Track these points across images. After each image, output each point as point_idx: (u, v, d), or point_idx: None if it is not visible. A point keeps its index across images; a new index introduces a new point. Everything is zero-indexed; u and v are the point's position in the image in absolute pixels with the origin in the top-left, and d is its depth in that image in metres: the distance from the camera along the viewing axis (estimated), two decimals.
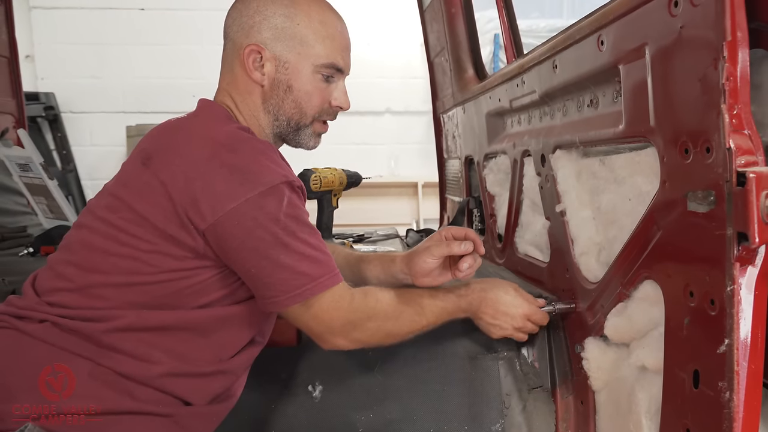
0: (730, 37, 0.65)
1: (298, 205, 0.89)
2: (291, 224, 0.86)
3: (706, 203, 0.71)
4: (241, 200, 0.83)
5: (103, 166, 4.66)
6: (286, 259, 0.86)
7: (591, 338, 1.09)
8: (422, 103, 4.63)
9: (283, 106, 1.01)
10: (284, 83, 1.00)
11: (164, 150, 0.90)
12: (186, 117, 0.98)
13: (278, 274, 0.87)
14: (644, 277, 0.91)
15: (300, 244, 0.87)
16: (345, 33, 1.05)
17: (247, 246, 0.85)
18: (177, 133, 0.93)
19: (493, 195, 1.83)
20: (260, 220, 0.84)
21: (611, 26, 0.93)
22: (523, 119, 1.53)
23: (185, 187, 0.84)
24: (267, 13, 0.98)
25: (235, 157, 0.86)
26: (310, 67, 1.00)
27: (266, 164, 0.87)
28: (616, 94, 0.99)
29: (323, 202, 1.41)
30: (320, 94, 1.02)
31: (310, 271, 0.88)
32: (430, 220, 4.87)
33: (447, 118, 2.35)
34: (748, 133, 0.69)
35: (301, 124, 1.03)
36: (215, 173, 0.84)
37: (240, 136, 0.90)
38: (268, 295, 0.89)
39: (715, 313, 0.71)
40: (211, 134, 0.89)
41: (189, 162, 0.86)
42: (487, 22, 4.57)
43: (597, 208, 1.10)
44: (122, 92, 4.64)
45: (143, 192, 0.87)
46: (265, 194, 0.84)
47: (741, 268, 0.67)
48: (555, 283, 1.30)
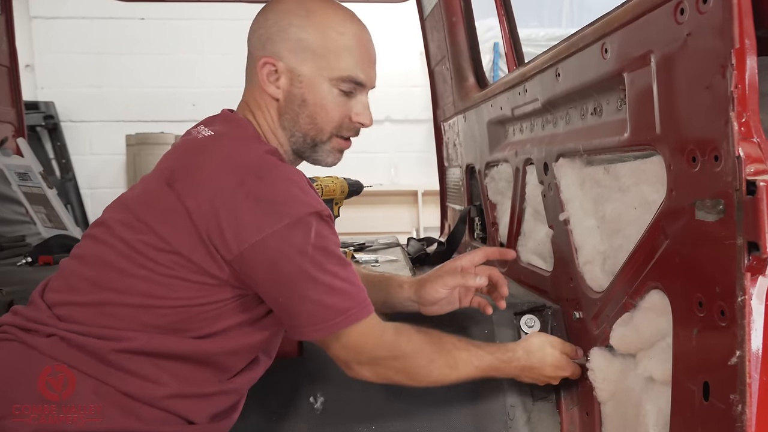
0: (738, 44, 0.64)
1: (326, 236, 0.85)
2: (319, 256, 0.83)
3: (715, 212, 0.70)
4: (267, 232, 0.81)
5: (102, 175, 4.65)
6: (314, 293, 0.84)
7: (596, 348, 1.08)
8: (422, 112, 4.64)
9: (299, 121, 0.96)
10: (299, 97, 0.95)
11: (190, 172, 0.86)
12: (213, 137, 0.92)
13: (305, 307, 0.85)
14: (651, 287, 0.90)
15: (328, 277, 0.84)
16: (368, 44, 0.99)
17: (274, 278, 0.83)
18: (203, 154, 0.89)
19: (494, 203, 1.82)
20: (287, 252, 0.82)
21: (616, 34, 0.92)
22: (525, 127, 1.53)
23: (210, 215, 0.81)
24: (282, 24, 0.95)
25: (262, 186, 0.83)
26: (327, 81, 0.95)
27: (294, 194, 0.84)
28: (620, 102, 0.99)
29: None
30: (339, 109, 0.96)
31: (339, 304, 0.85)
32: (430, 229, 4.87)
33: (448, 126, 2.35)
34: (757, 141, 0.68)
35: (317, 141, 0.98)
36: (241, 203, 0.81)
37: (268, 162, 0.87)
38: (294, 324, 0.88)
39: (725, 324, 0.69)
40: (239, 159, 0.86)
41: (215, 189, 0.83)
42: (487, 30, 4.59)
43: (601, 217, 1.09)
44: (122, 101, 4.65)
45: (167, 216, 0.84)
46: (292, 226, 0.81)
47: (752, 278, 0.66)
48: (559, 293, 1.28)
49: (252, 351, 0.95)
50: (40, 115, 4.26)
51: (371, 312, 0.89)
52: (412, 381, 0.98)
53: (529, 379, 1.08)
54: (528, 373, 1.06)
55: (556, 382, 1.10)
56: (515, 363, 1.05)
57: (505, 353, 1.05)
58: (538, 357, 1.06)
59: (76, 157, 4.48)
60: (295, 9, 0.95)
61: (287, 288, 0.84)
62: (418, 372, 0.96)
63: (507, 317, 1.28)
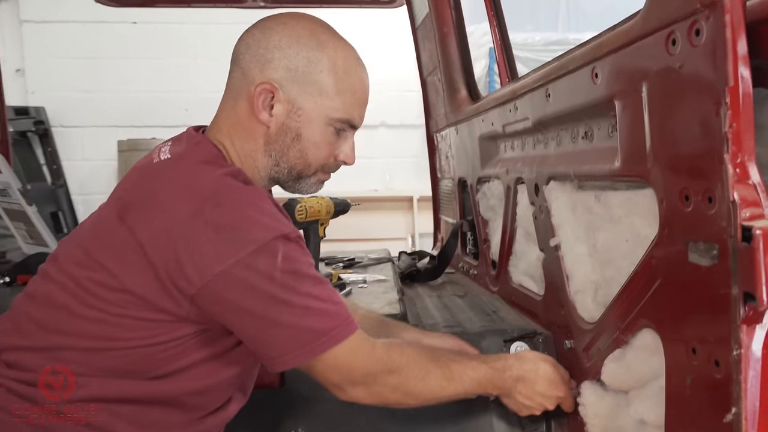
0: (732, 82, 0.60)
1: (296, 258, 0.81)
2: (289, 280, 0.79)
3: (708, 257, 0.66)
4: (230, 262, 0.76)
5: (94, 181, 4.60)
6: (289, 318, 0.79)
7: (588, 382, 1.04)
8: (417, 117, 4.58)
9: (288, 153, 0.92)
10: (293, 130, 0.91)
11: (143, 202, 0.82)
12: (169, 161, 0.87)
13: (282, 334, 0.80)
14: (643, 325, 0.86)
15: (303, 299, 0.80)
16: (366, 86, 0.97)
17: (242, 309, 0.79)
18: (157, 181, 0.84)
19: (486, 220, 1.78)
20: (253, 281, 0.77)
21: (606, 59, 0.88)
22: (516, 145, 1.49)
23: (167, 249, 0.77)
24: (289, 51, 0.89)
25: (220, 213, 0.78)
26: (324, 119, 0.91)
27: (256, 218, 0.79)
28: (611, 129, 0.94)
29: (309, 232, 1.36)
30: (328, 147, 0.94)
31: (320, 325, 0.81)
32: (425, 235, 4.82)
33: (440, 137, 2.30)
34: (753, 182, 0.64)
35: (303, 175, 0.95)
36: (200, 233, 0.77)
37: (226, 186, 0.82)
38: (273, 355, 0.82)
39: (720, 376, 0.65)
40: (195, 185, 0.81)
41: (170, 220, 0.78)
42: (483, 35, 4.54)
43: (593, 246, 1.05)
44: (114, 106, 4.60)
45: (119, 252, 0.79)
46: (257, 253, 0.77)
47: (748, 329, 0.62)
48: (550, 318, 1.24)
49: (222, 389, 0.90)
50: (30, 121, 4.21)
51: (357, 328, 0.84)
52: (408, 398, 0.92)
53: (522, 397, 1.02)
54: (522, 387, 1.01)
55: (550, 405, 1.03)
56: (509, 372, 1.00)
57: (498, 361, 1.01)
58: (532, 368, 1.02)
59: (68, 163, 4.43)
60: (305, 38, 0.90)
61: (258, 318, 0.79)
62: (415, 386, 0.91)
63: (496, 345, 1.24)
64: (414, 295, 1.71)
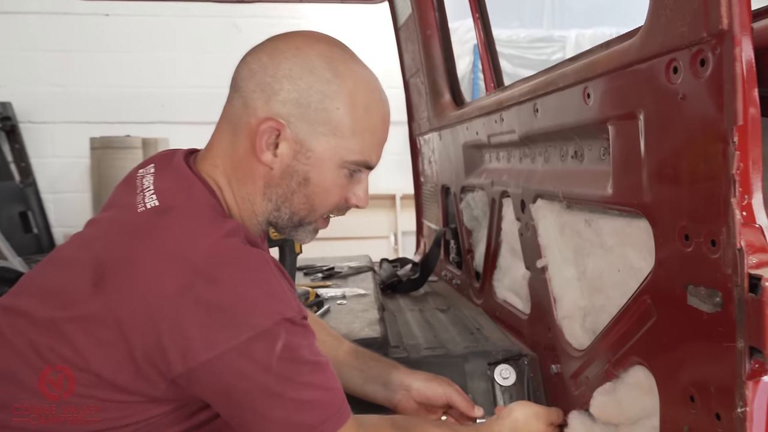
0: (741, 121, 0.55)
1: (298, 345, 0.71)
2: (287, 370, 0.70)
3: (710, 303, 0.62)
4: (221, 349, 0.67)
5: (65, 179, 4.44)
6: (280, 412, 0.70)
7: (575, 413, 0.99)
8: (400, 114, 4.50)
9: (292, 199, 0.81)
10: (301, 174, 0.80)
11: (123, 269, 0.70)
12: (156, 211, 0.75)
13: (269, 427, 0.71)
14: (636, 362, 0.81)
15: (298, 390, 0.71)
16: (388, 123, 0.85)
17: (228, 398, 0.70)
18: (141, 243, 0.72)
19: (470, 230, 1.73)
20: (246, 371, 0.68)
21: (600, 80, 0.83)
22: (501, 156, 1.44)
23: (148, 329, 0.67)
24: (301, 83, 0.77)
25: (215, 291, 0.68)
26: (338, 161, 0.80)
27: (257, 298, 0.69)
28: (603, 151, 0.90)
29: (285, 249, 1.29)
30: (339, 192, 0.83)
31: (311, 419, 0.72)
32: (408, 233, 4.77)
33: (423, 141, 2.25)
34: (759, 225, 0.59)
35: (305, 221, 0.84)
36: (188, 313, 0.67)
37: (225, 256, 0.70)
38: None
39: (722, 431, 0.61)
40: (186, 253, 0.70)
41: (154, 296, 0.68)
42: (467, 31, 4.49)
43: (582, 271, 1.00)
44: (85, 101, 4.42)
45: (91, 326, 0.69)
46: (254, 340, 0.68)
47: (754, 386, 0.58)
48: (536, 339, 1.20)
49: None
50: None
51: (348, 416, 0.76)
52: None
53: None
54: None
55: None
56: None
57: (481, 428, 0.97)
58: None
59: (37, 160, 4.24)
60: (320, 68, 0.78)
61: (245, 410, 0.71)
62: None
63: (480, 368, 1.19)
64: (395, 308, 1.66)
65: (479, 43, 1.79)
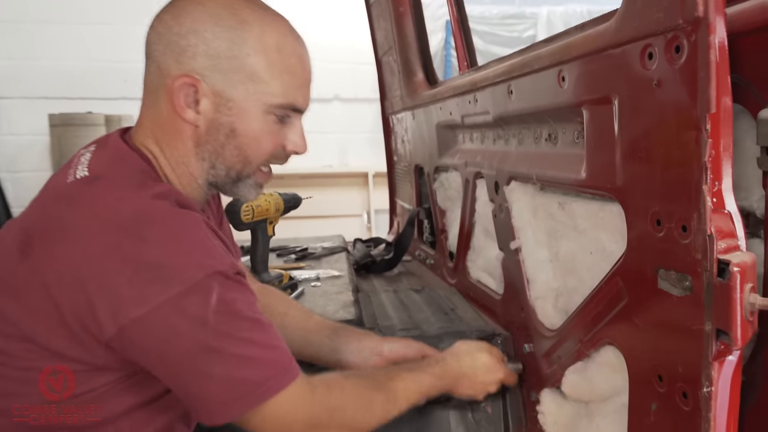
0: (714, 109, 0.56)
1: (234, 299, 0.71)
2: (224, 324, 0.69)
3: (680, 287, 0.63)
4: (152, 305, 0.66)
5: (23, 158, 4.26)
6: (220, 369, 0.69)
7: (548, 390, 1.02)
8: (372, 91, 4.45)
9: (224, 153, 0.81)
10: (226, 126, 0.79)
11: (49, 235, 0.69)
12: (84, 181, 0.74)
13: (212, 386, 0.70)
14: (606, 342, 0.83)
15: (239, 346, 0.70)
16: (307, 62, 0.84)
17: (166, 358, 0.69)
18: (68, 208, 0.71)
19: (444, 210, 1.74)
20: (180, 327, 0.67)
21: (574, 63, 0.83)
22: (475, 137, 1.43)
23: (76, 290, 0.66)
24: (206, 34, 0.76)
25: (142, 249, 0.67)
26: (262, 107, 0.79)
27: (186, 253, 0.69)
28: (577, 134, 0.90)
29: (257, 232, 1.27)
30: (272, 139, 0.82)
31: (254, 375, 0.71)
32: (381, 211, 4.77)
33: (396, 120, 2.23)
34: (728, 211, 0.60)
35: (242, 175, 0.83)
36: (116, 272, 0.66)
37: (152, 214, 0.70)
38: (201, 408, 0.72)
39: (688, 409, 0.63)
40: (113, 213, 0.69)
41: (81, 257, 0.67)
42: (439, 6, 4.44)
43: (555, 253, 1.02)
44: (43, 76, 4.23)
45: (19, 294, 0.68)
46: (186, 293, 0.66)
47: (720, 366, 0.60)
48: (509, 318, 1.22)
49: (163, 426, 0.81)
50: None
51: (297, 374, 0.76)
52: (356, 431, 0.87)
53: (465, 389, 1.01)
54: (464, 382, 1.00)
55: (493, 389, 1.03)
56: (449, 373, 0.98)
57: (436, 366, 0.99)
58: (468, 362, 1.01)
59: None
60: (225, 17, 0.77)
61: (185, 369, 0.69)
62: (362, 418, 0.86)
63: None
64: (369, 289, 1.66)
65: (452, 21, 1.77)
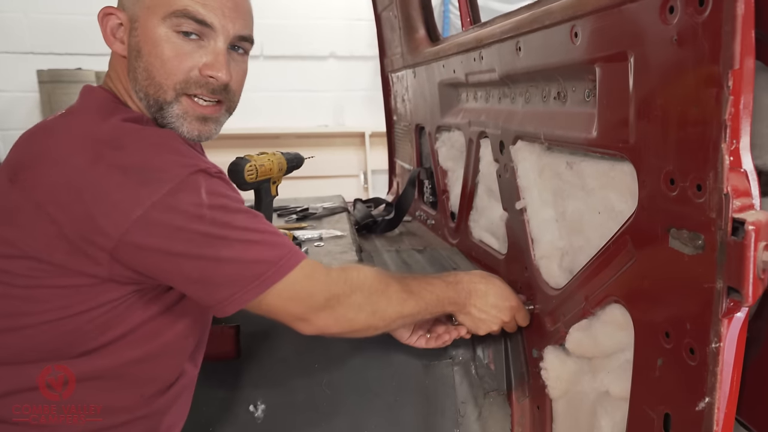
0: (738, 65, 0.55)
1: (223, 193, 0.73)
2: (221, 216, 0.71)
3: (692, 246, 0.63)
4: (146, 204, 0.67)
5: (12, 115, 4.18)
6: (229, 252, 0.71)
7: (551, 347, 1.04)
8: (368, 48, 4.38)
9: (137, 78, 0.81)
10: (134, 48, 0.80)
11: (34, 160, 0.71)
12: (60, 115, 0.79)
13: (226, 270, 0.72)
14: (612, 300, 0.84)
15: (241, 233, 0.72)
16: None
17: (173, 254, 0.70)
18: (49, 138, 0.74)
19: (445, 170, 1.73)
20: (178, 222, 0.69)
21: (588, 18, 0.80)
22: (480, 96, 1.41)
23: (72, 202, 0.68)
24: None
25: (124, 155, 0.70)
26: (160, 22, 0.78)
27: (166, 156, 0.71)
28: (588, 93, 0.89)
29: (261, 192, 1.26)
30: (179, 59, 0.78)
31: (265, 256, 0.73)
32: (378, 172, 4.76)
33: (396, 78, 2.19)
34: (744, 170, 0.60)
35: (161, 101, 0.80)
36: (105, 179, 0.68)
37: (125, 129, 0.73)
38: (221, 297, 0.73)
39: (695, 364, 0.65)
40: (90, 132, 0.72)
41: (68, 170, 0.69)
42: None
43: (561, 213, 1.02)
44: (28, 29, 4.10)
45: (13, 216, 0.70)
46: (176, 191, 0.69)
47: (728, 323, 0.61)
48: (512, 277, 1.23)
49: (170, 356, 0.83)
50: None
51: (305, 256, 0.79)
52: (375, 317, 0.87)
53: (477, 311, 1.01)
54: (475, 300, 1.00)
55: (505, 316, 1.03)
56: (461, 285, 1.00)
57: (450, 276, 1.01)
58: (482, 281, 1.02)
59: None
60: None
61: (195, 259, 0.70)
62: (379, 300, 0.86)
63: None
64: (372, 249, 1.67)
65: None
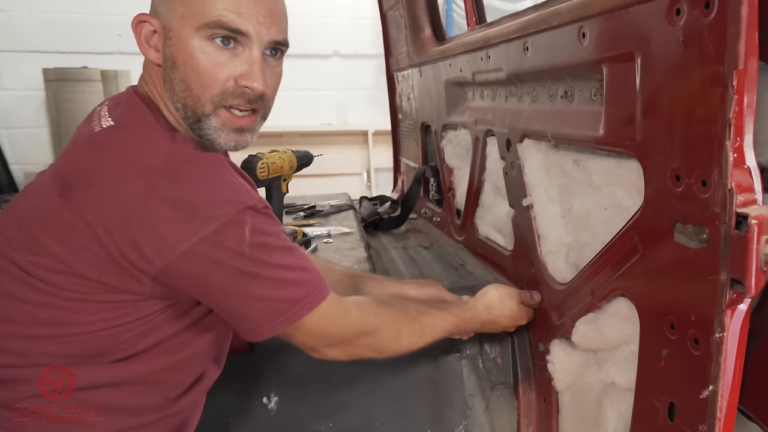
0: (742, 65, 0.57)
1: (265, 230, 0.75)
2: (259, 254, 0.74)
3: (697, 240, 0.66)
4: (192, 241, 0.70)
5: (18, 114, 4.19)
6: (260, 290, 0.75)
7: (557, 341, 1.06)
8: (372, 46, 4.39)
9: (173, 89, 0.79)
10: (169, 58, 0.78)
11: (87, 179, 0.73)
12: (111, 130, 0.78)
13: (254, 306, 0.76)
14: (618, 294, 0.87)
15: (274, 271, 0.76)
16: None
17: (210, 286, 0.74)
18: (100, 155, 0.75)
19: (451, 168, 1.75)
20: (220, 258, 0.72)
21: (596, 19, 0.83)
22: (486, 95, 1.43)
23: (120, 230, 0.70)
24: None
25: (177, 188, 0.71)
26: (195, 32, 0.76)
27: (217, 192, 0.73)
28: (595, 92, 0.91)
29: (272, 189, 1.29)
30: (215, 70, 0.77)
31: (291, 295, 0.78)
32: (381, 170, 4.78)
33: (401, 77, 2.21)
34: (747, 166, 0.62)
35: (199, 114, 0.79)
36: (155, 211, 0.70)
37: (179, 158, 0.74)
38: (247, 327, 0.79)
39: (699, 354, 0.67)
40: (144, 157, 0.73)
41: (121, 198, 0.70)
42: None
43: (568, 209, 1.04)
44: (34, 28, 4.12)
45: (64, 234, 0.71)
46: (222, 229, 0.71)
47: (732, 313, 0.63)
48: (519, 274, 1.25)
49: (197, 361, 0.86)
50: None
51: (329, 293, 0.82)
52: (381, 354, 0.94)
53: (487, 330, 1.10)
54: (489, 328, 1.09)
55: (512, 329, 1.13)
56: (476, 319, 1.07)
57: (467, 312, 1.06)
58: (497, 311, 1.08)
59: None
60: None
61: (228, 293, 0.75)
62: (388, 345, 0.93)
63: None
64: (379, 246, 1.69)
65: None
